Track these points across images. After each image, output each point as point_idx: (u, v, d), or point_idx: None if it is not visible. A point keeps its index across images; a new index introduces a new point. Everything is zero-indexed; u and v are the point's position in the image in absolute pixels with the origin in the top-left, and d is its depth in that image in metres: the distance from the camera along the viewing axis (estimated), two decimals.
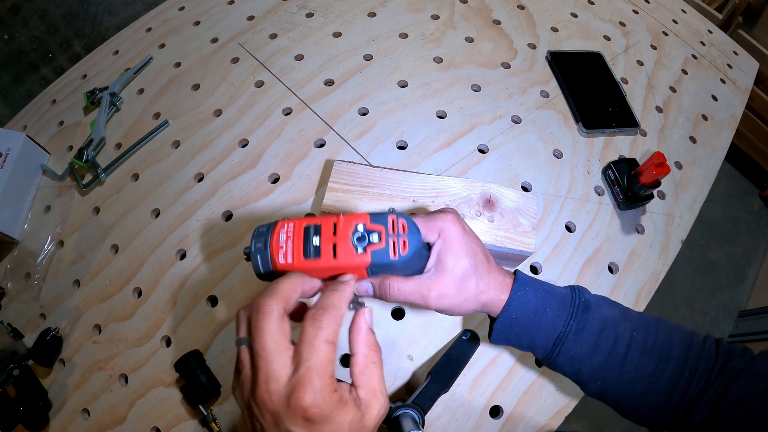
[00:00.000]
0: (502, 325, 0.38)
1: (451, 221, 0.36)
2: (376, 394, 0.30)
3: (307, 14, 0.76)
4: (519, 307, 0.37)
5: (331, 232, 0.30)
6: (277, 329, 0.28)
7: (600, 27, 0.79)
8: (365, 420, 0.29)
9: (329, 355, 0.28)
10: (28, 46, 1.58)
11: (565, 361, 0.37)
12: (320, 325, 0.28)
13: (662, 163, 0.55)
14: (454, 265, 0.35)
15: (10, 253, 0.64)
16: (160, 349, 0.53)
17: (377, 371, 0.31)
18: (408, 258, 0.31)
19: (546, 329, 0.37)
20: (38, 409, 0.51)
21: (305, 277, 0.31)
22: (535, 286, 0.38)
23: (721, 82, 0.79)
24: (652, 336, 0.37)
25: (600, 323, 0.37)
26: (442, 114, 0.65)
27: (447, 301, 0.36)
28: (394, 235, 0.31)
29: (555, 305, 0.37)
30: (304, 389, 0.26)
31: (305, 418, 0.27)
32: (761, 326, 1.36)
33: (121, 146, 0.67)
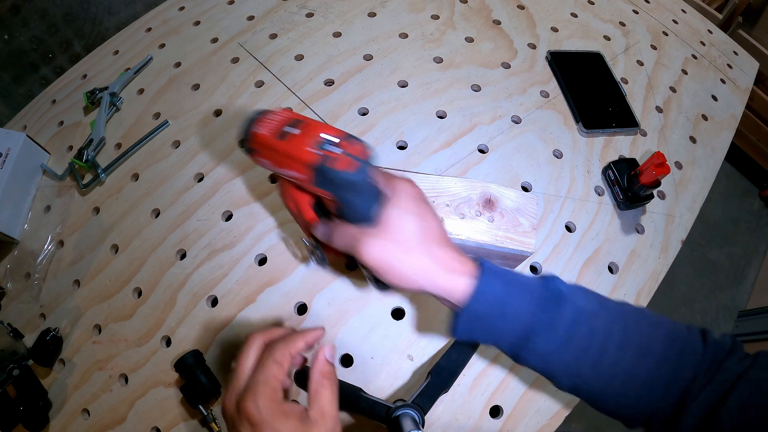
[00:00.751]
0: (466, 319, 0.35)
1: (409, 182, 0.36)
2: (323, 414, 0.34)
3: (307, 14, 0.76)
4: (484, 300, 0.34)
5: (310, 130, 0.33)
6: (253, 355, 0.36)
7: (600, 27, 0.79)
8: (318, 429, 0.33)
9: (275, 372, 0.34)
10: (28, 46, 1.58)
11: (533, 356, 0.34)
12: (272, 350, 0.35)
13: (662, 163, 0.55)
14: (397, 220, 0.34)
15: (10, 253, 0.64)
16: (160, 349, 0.53)
17: (328, 395, 0.35)
18: (349, 177, 0.31)
19: (512, 322, 0.34)
20: (38, 409, 0.51)
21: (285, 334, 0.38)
22: (502, 276, 0.35)
23: (721, 82, 0.79)
24: (631, 329, 0.34)
25: (573, 316, 0.34)
26: (442, 114, 0.65)
27: (381, 254, 0.33)
28: (351, 155, 0.32)
29: (522, 296, 0.34)
30: (248, 397, 0.32)
31: (249, 422, 0.32)
32: (761, 326, 1.36)
33: (121, 146, 0.67)
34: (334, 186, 0.32)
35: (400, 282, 0.34)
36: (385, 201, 0.35)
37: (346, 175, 0.31)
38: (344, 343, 0.52)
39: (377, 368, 0.51)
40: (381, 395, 0.50)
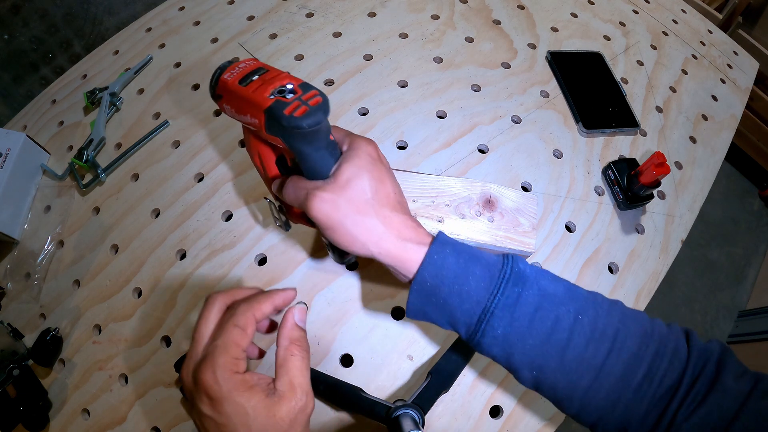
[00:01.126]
0: (416, 294, 0.32)
1: (368, 141, 0.35)
2: (293, 386, 0.30)
3: (307, 14, 0.76)
4: (434, 272, 0.31)
5: (270, 77, 0.33)
6: (212, 319, 0.31)
7: (600, 27, 0.79)
8: (275, 410, 0.28)
9: (236, 338, 0.29)
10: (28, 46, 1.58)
11: (491, 342, 0.31)
12: (234, 313, 0.30)
13: (662, 163, 0.55)
14: (350, 175, 0.32)
15: (10, 253, 0.64)
16: (160, 349, 0.53)
17: (297, 364, 0.31)
18: (297, 123, 0.30)
19: (468, 302, 0.31)
20: (38, 409, 0.51)
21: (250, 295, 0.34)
22: (457, 249, 0.32)
23: (721, 82, 0.79)
24: (602, 320, 0.30)
25: (537, 300, 0.30)
26: (442, 114, 0.65)
27: (329, 210, 0.31)
28: (303, 100, 0.31)
29: (479, 273, 0.31)
30: (206, 366, 0.28)
31: (207, 395, 0.28)
32: (761, 326, 1.36)
33: (121, 146, 0.67)
34: (284, 132, 0.31)
35: (347, 244, 0.33)
36: (341, 157, 0.34)
37: (294, 120, 0.30)
38: (344, 343, 0.52)
39: (377, 368, 0.51)
40: (381, 395, 0.50)
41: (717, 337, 1.44)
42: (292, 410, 0.29)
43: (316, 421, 0.49)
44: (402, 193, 0.36)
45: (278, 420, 0.28)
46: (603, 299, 0.33)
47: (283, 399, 0.29)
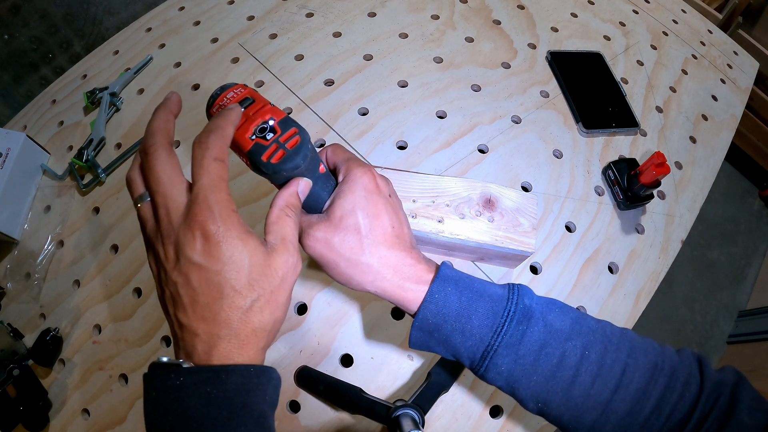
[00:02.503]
0: (419, 330, 0.31)
1: (364, 171, 0.33)
2: (285, 241, 0.28)
3: (307, 14, 0.76)
4: (437, 312, 0.30)
5: (254, 111, 0.32)
6: (167, 163, 0.27)
7: (600, 27, 0.79)
8: (269, 260, 0.27)
9: (220, 172, 0.27)
10: (28, 46, 1.58)
11: (495, 376, 0.31)
12: (207, 145, 0.27)
13: (662, 163, 0.55)
14: (343, 212, 0.31)
15: (10, 253, 0.64)
16: (160, 349, 0.53)
17: (291, 225, 0.29)
18: (274, 169, 0.30)
19: (471, 339, 0.30)
20: (38, 409, 0.51)
21: (170, 106, 0.30)
22: (460, 285, 0.31)
23: (721, 82, 0.79)
24: (611, 356, 0.29)
25: (542, 336, 0.30)
26: (442, 114, 0.65)
27: (322, 249, 0.31)
28: (281, 143, 0.30)
29: (483, 310, 0.30)
30: (200, 204, 0.25)
31: (203, 235, 0.25)
32: (761, 326, 1.36)
33: (121, 146, 0.67)
34: (266, 175, 0.31)
35: (343, 282, 0.32)
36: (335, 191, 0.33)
37: (271, 167, 0.30)
38: (344, 343, 0.52)
39: (377, 368, 0.51)
40: (381, 395, 0.50)
41: (717, 337, 1.44)
42: (285, 263, 0.28)
43: (316, 421, 0.49)
44: (402, 223, 0.34)
45: (272, 270, 0.27)
46: (612, 330, 0.32)
47: (276, 252, 0.28)
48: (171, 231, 0.26)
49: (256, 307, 0.26)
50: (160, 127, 0.28)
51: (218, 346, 0.25)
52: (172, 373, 0.25)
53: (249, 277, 0.26)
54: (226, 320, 0.25)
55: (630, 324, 0.56)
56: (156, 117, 0.29)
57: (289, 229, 0.29)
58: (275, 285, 0.27)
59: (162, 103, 0.30)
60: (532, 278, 0.56)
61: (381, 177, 0.34)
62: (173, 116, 0.30)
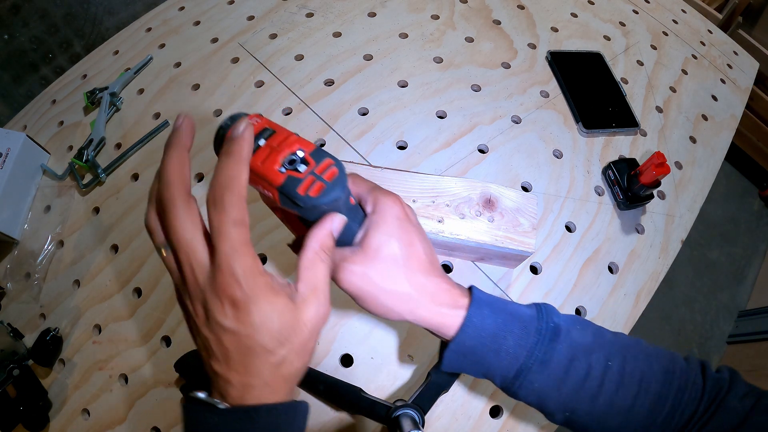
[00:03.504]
0: (454, 354, 0.32)
1: (393, 199, 0.33)
2: (317, 291, 0.28)
3: (307, 14, 0.76)
4: (474, 334, 0.31)
5: (278, 143, 0.30)
6: (186, 217, 0.26)
7: (600, 27, 0.79)
8: (300, 314, 0.27)
9: (241, 237, 0.25)
10: (28, 46, 1.58)
11: (527, 393, 0.32)
12: (223, 208, 0.25)
13: (662, 163, 0.55)
14: (379, 243, 0.31)
15: (10, 253, 0.64)
16: (160, 349, 0.53)
17: (323, 270, 0.29)
18: (313, 203, 0.28)
19: (506, 359, 0.31)
20: (38, 409, 0.51)
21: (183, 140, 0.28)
22: (495, 308, 0.32)
23: (721, 82, 0.79)
24: (630, 365, 0.32)
25: (570, 352, 0.32)
26: (442, 114, 0.65)
27: (360, 283, 0.31)
28: (317, 175, 0.29)
29: (517, 331, 0.32)
30: (225, 273, 0.25)
31: (231, 303, 0.25)
32: (761, 326, 1.36)
33: (121, 146, 0.67)
34: (300, 210, 0.30)
35: (381, 314, 0.32)
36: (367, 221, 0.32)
37: (310, 201, 0.28)
38: (344, 343, 0.52)
39: (377, 368, 0.51)
40: (381, 395, 0.50)
41: (717, 337, 1.44)
42: (315, 315, 0.28)
43: (316, 421, 0.49)
44: (432, 249, 0.34)
45: (302, 325, 0.27)
46: (628, 341, 0.34)
47: (306, 304, 0.27)
48: (198, 291, 0.26)
49: (286, 361, 0.27)
50: (175, 174, 0.27)
51: (251, 393, 0.27)
52: (208, 412, 0.27)
53: (279, 336, 0.26)
54: (258, 373, 0.26)
55: (630, 324, 0.56)
56: (170, 161, 0.27)
57: (321, 275, 0.29)
58: (305, 338, 0.27)
59: (172, 136, 0.28)
60: (532, 278, 0.56)
61: (407, 204, 0.34)
62: (187, 153, 0.28)
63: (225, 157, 0.27)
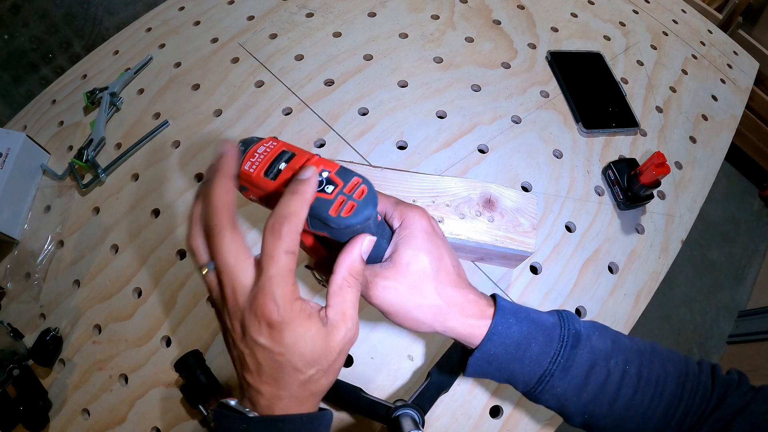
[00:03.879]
0: (479, 361, 0.33)
1: (420, 213, 0.34)
2: (345, 317, 0.29)
3: (307, 14, 0.76)
4: (500, 343, 0.32)
5: (300, 165, 0.30)
6: (232, 243, 0.28)
7: (600, 27, 0.79)
8: (330, 339, 0.28)
9: (290, 264, 0.27)
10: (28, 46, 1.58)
11: (549, 397, 0.34)
12: (280, 236, 0.27)
13: (662, 163, 0.55)
14: (409, 258, 0.31)
15: (10, 253, 0.64)
16: (160, 349, 0.53)
17: (352, 296, 0.30)
18: (346, 224, 0.28)
19: (530, 365, 0.33)
20: (38, 409, 0.51)
21: (228, 170, 0.30)
22: (519, 316, 0.33)
23: (721, 82, 0.79)
24: (646, 368, 0.33)
25: (591, 358, 0.33)
26: (442, 114, 0.65)
27: (392, 298, 0.31)
28: (347, 194, 0.29)
29: (541, 338, 0.33)
30: (265, 296, 0.26)
31: (268, 324, 0.27)
32: (761, 326, 1.36)
33: (121, 146, 0.67)
34: (331, 231, 0.29)
35: (411, 327, 0.33)
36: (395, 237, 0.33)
37: (343, 221, 0.28)
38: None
39: (377, 368, 0.51)
40: (381, 395, 0.50)
41: (717, 337, 1.44)
42: (343, 341, 0.29)
43: None
44: (458, 260, 0.35)
45: (330, 349, 0.29)
46: (643, 345, 0.35)
47: (336, 329, 0.29)
48: (237, 310, 0.28)
49: (314, 379, 0.29)
50: (222, 202, 0.29)
51: (279, 404, 0.29)
52: (238, 418, 0.29)
53: (310, 359, 0.28)
54: (287, 387, 0.28)
55: (630, 324, 0.56)
56: (217, 189, 0.29)
57: (350, 301, 0.30)
58: (333, 359, 0.29)
59: (218, 163, 0.30)
60: (532, 278, 0.56)
61: (432, 218, 0.35)
62: (232, 181, 0.30)
63: (290, 195, 0.28)
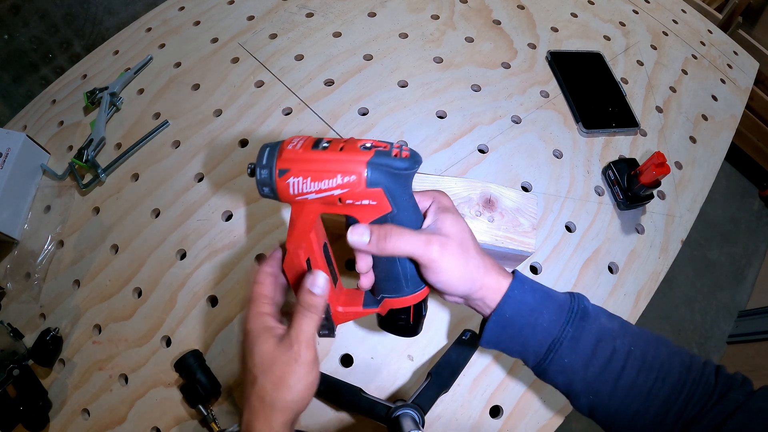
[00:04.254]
0: (495, 325, 0.35)
1: (443, 193, 0.37)
2: (299, 339, 0.33)
3: (307, 14, 0.76)
4: (514, 306, 0.35)
5: (342, 141, 0.33)
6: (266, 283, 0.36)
7: (600, 27, 0.79)
8: (279, 353, 0.33)
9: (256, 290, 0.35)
10: (28, 46, 1.58)
11: (557, 369, 0.35)
12: (307, 312, 0.33)
13: (662, 163, 0.55)
14: (451, 224, 0.34)
15: (10, 253, 0.64)
16: (160, 349, 0.53)
17: (307, 325, 0.33)
18: (408, 164, 0.31)
19: (541, 333, 0.34)
20: (38, 409, 0.51)
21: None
22: (534, 287, 0.36)
23: (721, 82, 0.79)
24: (651, 353, 0.35)
25: (598, 333, 0.35)
26: (442, 114, 0.65)
27: (450, 256, 0.33)
28: (398, 148, 0.32)
29: (552, 308, 0.35)
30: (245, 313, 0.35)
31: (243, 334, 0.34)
32: (761, 326, 1.36)
33: (121, 146, 0.67)
34: (391, 179, 0.31)
35: (461, 281, 0.34)
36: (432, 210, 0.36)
37: (405, 161, 0.31)
38: (344, 343, 0.52)
39: (377, 368, 0.51)
40: (381, 395, 0.50)
41: (717, 337, 1.44)
42: (291, 358, 0.32)
43: (316, 421, 0.49)
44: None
45: (279, 363, 0.32)
46: (650, 334, 0.37)
47: (290, 348, 0.32)
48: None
49: (266, 389, 0.32)
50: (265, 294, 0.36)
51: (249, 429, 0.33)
52: None
53: (261, 364, 0.33)
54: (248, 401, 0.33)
55: None
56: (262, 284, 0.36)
57: (302, 326, 0.33)
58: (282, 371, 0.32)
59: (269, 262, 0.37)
60: (532, 278, 0.56)
61: None
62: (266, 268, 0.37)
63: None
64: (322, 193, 0.32)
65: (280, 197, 0.32)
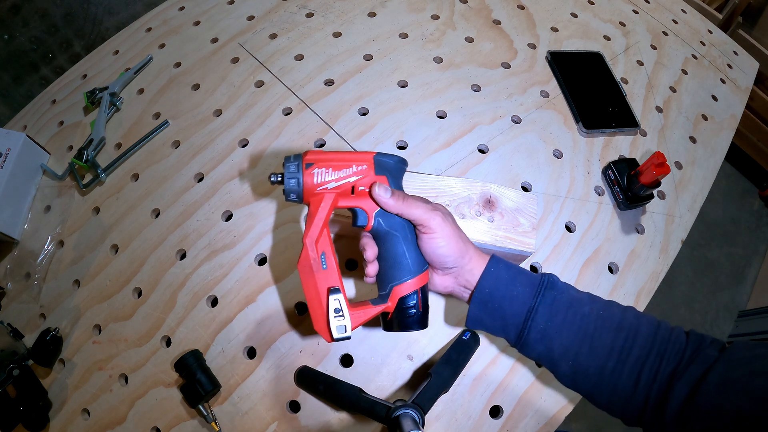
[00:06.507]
0: (477, 301, 0.39)
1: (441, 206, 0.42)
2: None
3: (307, 14, 0.76)
4: (492, 282, 0.39)
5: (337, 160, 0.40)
6: None
7: (600, 27, 0.79)
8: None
9: None
10: (28, 46, 1.58)
11: (536, 338, 0.38)
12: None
13: (662, 163, 0.55)
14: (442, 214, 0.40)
15: (10, 253, 0.64)
16: (160, 349, 0.53)
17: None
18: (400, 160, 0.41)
19: (517, 305, 0.38)
20: (38, 409, 0.51)
21: None
22: (507, 265, 0.40)
23: (721, 82, 0.79)
24: (618, 316, 0.38)
25: (568, 301, 0.39)
26: (442, 114, 0.65)
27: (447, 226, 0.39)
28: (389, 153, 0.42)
29: (525, 281, 0.39)
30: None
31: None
32: (761, 326, 1.36)
33: (121, 146, 0.67)
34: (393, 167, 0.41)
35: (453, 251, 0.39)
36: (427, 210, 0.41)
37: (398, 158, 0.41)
38: (344, 343, 0.52)
39: (377, 368, 0.51)
40: (381, 395, 0.50)
41: (717, 337, 1.44)
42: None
43: (316, 421, 0.49)
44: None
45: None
46: (618, 304, 0.40)
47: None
48: None
49: None
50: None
51: None
52: None
53: None
54: None
55: None
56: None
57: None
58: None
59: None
60: None
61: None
62: None
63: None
64: (341, 180, 0.39)
65: (305, 187, 0.38)
